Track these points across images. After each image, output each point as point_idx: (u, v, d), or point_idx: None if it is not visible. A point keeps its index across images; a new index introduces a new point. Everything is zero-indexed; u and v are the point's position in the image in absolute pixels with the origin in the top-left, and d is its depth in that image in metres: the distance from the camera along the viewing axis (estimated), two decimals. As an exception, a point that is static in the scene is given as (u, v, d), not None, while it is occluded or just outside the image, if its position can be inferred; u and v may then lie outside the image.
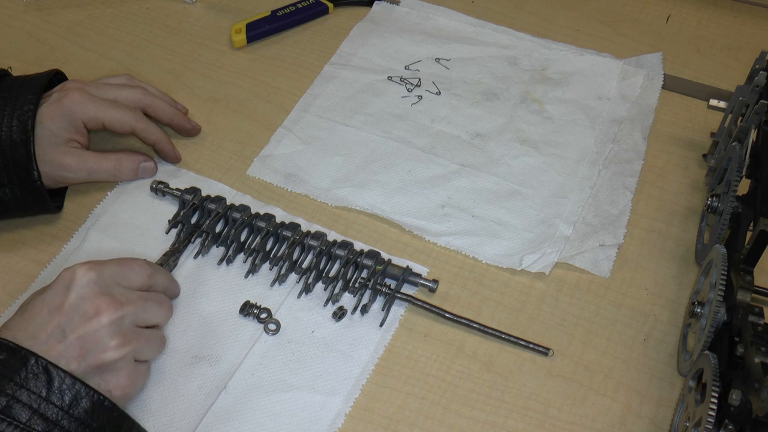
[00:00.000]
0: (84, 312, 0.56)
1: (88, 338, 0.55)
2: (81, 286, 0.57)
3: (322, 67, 0.88)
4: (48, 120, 0.70)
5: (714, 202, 0.69)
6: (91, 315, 0.56)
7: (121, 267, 0.60)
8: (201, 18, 0.94)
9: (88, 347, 0.55)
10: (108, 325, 0.56)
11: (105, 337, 0.56)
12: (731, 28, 0.94)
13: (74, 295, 0.56)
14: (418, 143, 0.80)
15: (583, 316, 0.68)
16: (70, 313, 0.56)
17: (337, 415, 0.61)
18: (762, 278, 0.66)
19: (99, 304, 0.56)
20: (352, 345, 0.65)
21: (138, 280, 0.61)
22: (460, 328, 0.67)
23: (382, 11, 0.95)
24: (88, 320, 0.56)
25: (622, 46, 0.91)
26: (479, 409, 0.62)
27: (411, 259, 0.71)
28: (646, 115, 0.84)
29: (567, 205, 0.75)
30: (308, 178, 0.77)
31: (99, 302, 0.56)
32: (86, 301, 0.56)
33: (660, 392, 0.64)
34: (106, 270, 0.59)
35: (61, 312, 0.56)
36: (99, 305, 0.56)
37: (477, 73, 0.88)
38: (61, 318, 0.55)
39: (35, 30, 0.92)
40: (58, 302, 0.56)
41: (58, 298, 0.56)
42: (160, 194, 0.75)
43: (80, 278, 0.57)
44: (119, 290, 0.59)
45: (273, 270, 0.70)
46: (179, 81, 0.87)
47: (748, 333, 0.55)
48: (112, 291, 0.58)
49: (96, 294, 0.57)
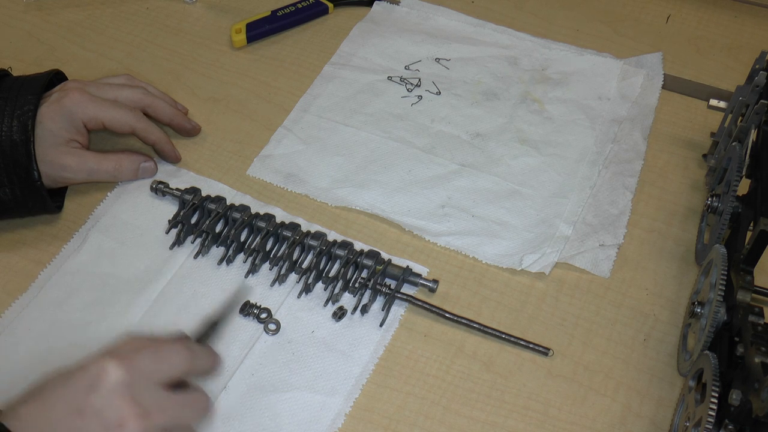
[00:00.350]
0: (106, 421, 0.48)
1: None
2: (107, 389, 0.49)
3: (322, 67, 0.88)
4: (48, 120, 0.70)
5: (714, 202, 0.69)
6: (113, 426, 0.48)
7: (157, 359, 0.52)
8: (201, 18, 0.94)
9: None
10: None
11: None
12: (731, 28, 0.94)
13: (97, 398, 0.49)
14: (418, 143, 0.80)
15: (583, 316, 0.68)
16: (89, 418, 0.48)
17: (337, 415, 0.61)
18: (762, 278, 0.66)
19: (124, 414, 0.48)
20: (352, 345, 0.65)
21: (175, 371, 0.52)
22: (460, 328, 0.67)
23: (382, 11, 0.95)
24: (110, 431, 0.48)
25: (622, 46, 0.91)
26: (479, 409, 0.63)
27: (411, 259, 0.71)
28: (646, 115, 0.84)
29: (567, 205, 0.75)
30: (308, 178, 0.77)
31: (125, 412, 0.48)
32: (110, 408, 0.49)
33: (660, 392, 0.64)
34: (138, 365, 0.51)
35: (81, 415, 0.48)
36: (124, 416, 0.48)
37: (477, 73, 0.88)
38: (79, 422, 0.48)
39: (35, 30, 0.92)
40: (79, 403, 0.49)
41: (80, 397, 0.49)
42: (160, 194, 0.75)
43: (108, 377, 0.49)
44: (150, 393, 0.50)
45: (273, 270, 0.70)
46: (179, 81, 0.87)
47: (748, 333, 0.55)
48: (141, 395, 0.50)
49: (122, 400, 0.49)
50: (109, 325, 0.66)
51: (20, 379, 0.62)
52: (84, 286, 0.69)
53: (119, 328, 0.66)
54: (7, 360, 0.64)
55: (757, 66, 0.72)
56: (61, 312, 0.67)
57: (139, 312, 0.67)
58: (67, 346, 0.65)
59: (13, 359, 0.64)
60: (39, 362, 0.63)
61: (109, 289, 0.68)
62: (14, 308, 0.67)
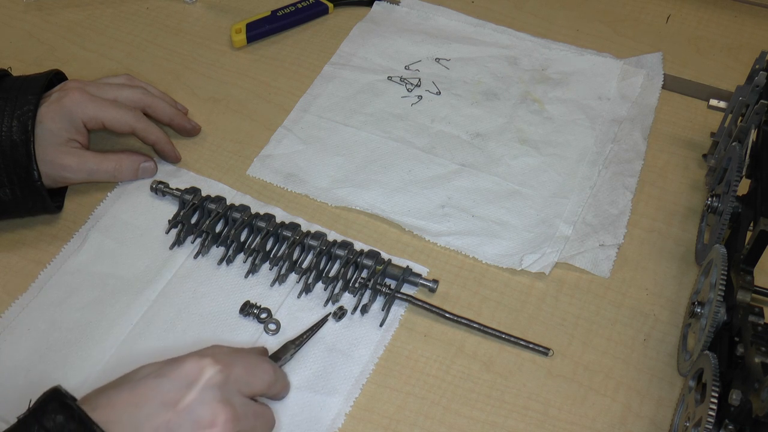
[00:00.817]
0: (198, 419, 0.50)
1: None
2: (205, 389, 0.51)
3: (322, 67, 0.88)
4: (48, 120, 0.70)
5: (714, 202, 0.69)
6: (205, 425, 0.50)
7: (248, 372, 0.55)
8: (201, 18, 0.94)
9: None
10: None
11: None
12: (731, 28, 0.94)
13: (194, 397, 0.51)
14: (418, 143, 0.80)
15: (583, 316, 0.68)
16: (183, 414, 0.50)
17: (337, 414, 0.61)
18: (762, 278, 0.66)
19: (217, 414, 0.51)
20: (352, 345, 0.65)
21: (259, 387, 0.56)
22: (460, 328, 0.67)
23: (382, 11, 0.95)
24: (200, 429, 0.50)
25: (622, 46, 0.91)
26: (479, 409, 0.63)
27: (411, 259, 0.71)
28: (646, 115, 0.84)
29: (567, 205, 0.75)
30: (308, 178, 0.77)
31: (217, 412, 0.51)
32: (205, 406, 0.51)
33: (660, 392, 0.64)
34: (233, 374, 0.53)
35: (175, 410, 0.50)
36: (216, 416, 0.51)
37: (477, 73, 0.88)
38: (172, 417, 0.50)
39: (35, 30, 0.92)
40: (174, 397, 0.50)
41: (176, 392, 0.51)
42: (160, 194, 0.75)
43: (207, 378, 0.51)
44: (239, 400, 0.53)
45: (273, 270, 0.70)
46: (179, 81, 0.87)
47: (748, 333, 0.55)
48: (232, 399, 0.52)
49: (217, 401, 0.51)
50: (108, 325, 0.66)
51: (20, 379, 0.63)
52: (84, 286, 0.69)
53: (119, 328, 0.66)
54: (7, 360, 0.64)
55: (757, 66, 0.72)
56: (61, 312, 0.67)
57: (139, 312, 0.67)
58: (67, 346, 0.65)
59: (13, 359, 0.64)
60: (39, 362, 0.64)
61: (109, 289, 0.68)
62: (14, 308, 0.67)
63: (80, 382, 0.62)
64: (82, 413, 0.48)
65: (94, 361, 0.64)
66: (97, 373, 0.63)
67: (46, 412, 0.48)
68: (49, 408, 0.48)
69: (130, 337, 0.65)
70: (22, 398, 0.61)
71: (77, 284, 0.69)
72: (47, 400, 0.49)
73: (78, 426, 0.47)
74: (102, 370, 0.63)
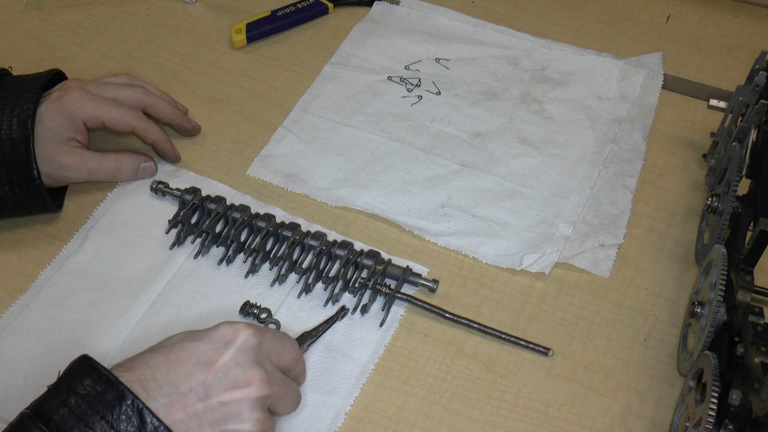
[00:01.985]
0: (234, 378, 0.51)
1: (231, 407, 0.51)
2: (240, 350, 0.52)
3: (322, 67, 0.88)
4: (48, 119, 0.70)
5: (714, 202, 0.69)
6: (241, 384, 0.51)
7: (278, 342, 0.56)
8: (201, 18, 0.94)
9: (228, 416, 0.51)
10: (254, 400, 0.52)
11: (246, 411, 0.51)
12: (731, 28, 0.94)
13: (230, 357, 0.52)
14: (418, 143, 0.80)
15: (583, 316, 0.68)
16: (219, 373, 0.51)
17: (337, 414, 0.61)
18: (762, 278, 0.66)
19: (253, 374, 0.52)
20: (352, 345, 0.65)
21: (287, 359, 0.57)
22: (460, 328, 0.67)
23: (382, 11, 0.95)
24: (236, 388, 0.51)
25: (622, 46, 0.91)
26: (479, 409, 0.63)
27: (411, 259, 0.71)
28: (646, 115, 0.84)
29: (567, 205, 0.75)
30: (308, 178, 0.77)
31: (253, 373, 0.52)
32: (240, 367, 0.52)
33: (660, 392, 0.64)
34: (265, 340, 0.54)
35: (211, 370, 0.51)
36: (252, 376, 0.52)
37: (477, 73, 0.88)
38: (208, 376, 0.51)
39: (35, 30, 0.92)
40: (210, 357, 0.52)
41: (212, 353, 0.52)
42: (160, 194, 0.75)
43: (242, 340, 0.53)
44: (271, 366, 0.54)
45: (273, 270, 0.70)
46: (179, 81, 0.87)
47: (748, 333, 0.55)
48: (265, 364, 0.54)
49: (251, 363, 0.52)
50: (108, 325, 0.66)
51: (20, 379, 0.63)
52: (84, 286, 0.69)
53: (119, 328, 0.66)
54: (7, 360, 0.64)
55: (757, 66, 0.72)
56: (61, 312, 0.67)
57: (139, 312, 0.67)
58: (67, 346, 0.65)
59: (13, 359, 0.64)
60: (39, 362, 0.64)
61: (109, 289, 0.68)
62: (14, 308, 0.67)
63: (80, 382, 0.62)
64: (110, 374, 0.49)
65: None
66: (97, 373, 0.63)
67: (74, 375, 0.49)
68: (77, 371, 0.50)
69: (130, 337, 0.65)
70: (23, 398, 0.61)
71: (77, 284, 0.69)
72: (75, 365, 0.50)
73: (106, 387, 0.48)
74: (102, 370, 0.63)
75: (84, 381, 0.49)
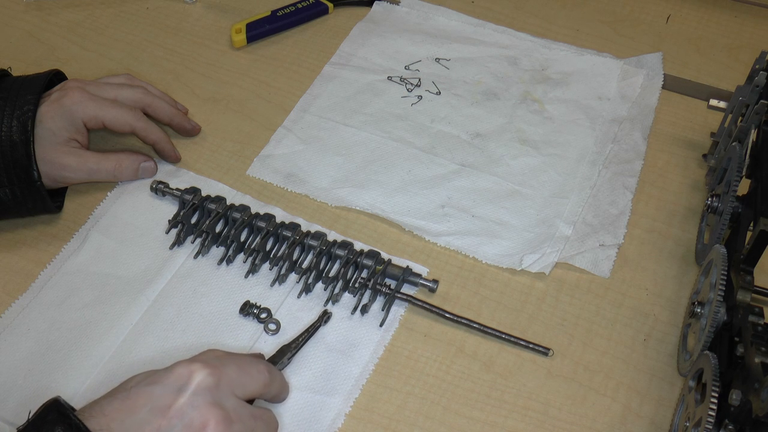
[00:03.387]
0: (190, 422, 0.50)
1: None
2: (194, 393, 0.51)
3: (322, 67, 0.88)
4: (48, 119, 0.70)
5: (714, 202, 0.69)
6: (197, 428, 0.50)
7: (241, 373, 0.54)
8: (201, 18, 0.94)
9: None
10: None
11: None
12: (731, 28, 0.94)
13: (184, 401, 0.51)
14: (418, 143, 0.80)
15: (583, 316, 0.68)
16: (174, 419, 0.50)
17: (337, 414, 0.61)
18: (762, 278, 0.66)
19: (208, 417, 0.50)
20: (352, 345, 0.65)
21: (255, 388, 0.55)
22: (460, 328, 0.67)
23: (382, 11, 0.95)
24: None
25: (622, 46, 0.91)
26: (479, 409, 0.63)
27: (411, 259, 0.71)
28: (646, 115, 0.84)
29: (567, 205, 0.75)
30: (308, 178, 0.77)
31: (209, 415, 0.51)
32: (196, 410, 0.50)
33: (660, 392, 0.64)
34: (225, 376, 0.53)
35: (166, 416, 0.50)
36: (208, 419, 0.50)
37: (477, 73, 0.88)
38: (163, 422, 0.50)
39: (35, 30, 0.92)
40: (165, 402, 0.50)
41: (167, 398, 0.51)
42: (160, 194, 0.75)
43: (197, 382, 0.51)
44: (232, 402, 0.53)
45: (273, 270, 0.70)
46: (179, 81, 0.87)
47: (748, 333, 0.55)
48: (224, 403, 0.52)
49: (208, 405, 0.51)
50: (108, 325, 0.66)
51: (20, 379, 0.63)
52: (84, 286, 0.69)
53: (119, 328, 0.66)
54: (7, 360, 0.64)
55: (757, 66, 0.72)
56: (61, 312, 0.67)
57: (139, 312, 0.67)
58: (67, 346, 0.65)
59: (13, 359, 0.64)
60: (39, 362, 0.64)
61: (109, 289, 0.68)
62: (14, 308, 0.67)
63: (80, 382, 0.62)
64: (80, 423, 0.48)
65: (94, 360, 0.64)
66: (97, 373, 0.63)
67: (46, 423, 0.49)
68: (49, 419, 0.49)
69: (130, 337, 0.65)
70: (22, 398, 0.61)
71: (77, 284, 0.69)
72: (46, 410, 0.49)
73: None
74: (102, 370, 0.63)
75: (54, 429, 0.48)
